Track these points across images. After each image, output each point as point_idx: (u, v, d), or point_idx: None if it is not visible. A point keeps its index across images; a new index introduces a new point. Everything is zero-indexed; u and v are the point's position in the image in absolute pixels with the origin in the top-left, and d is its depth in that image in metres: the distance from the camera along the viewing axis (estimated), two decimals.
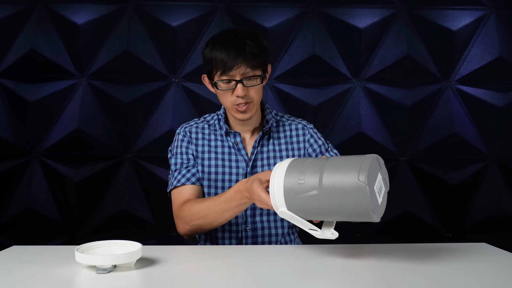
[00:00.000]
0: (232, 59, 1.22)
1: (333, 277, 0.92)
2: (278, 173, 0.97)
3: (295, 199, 0.93)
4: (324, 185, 0.89)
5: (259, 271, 0.96)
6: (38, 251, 1.12)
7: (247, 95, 1.27)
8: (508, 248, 1.13)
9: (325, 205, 0.91)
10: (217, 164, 1.36)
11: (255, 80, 1.28)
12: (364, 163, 0.88)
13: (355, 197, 0.86)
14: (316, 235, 0.96)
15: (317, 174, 0.91)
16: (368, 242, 2.19)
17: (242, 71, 1.24)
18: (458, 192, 2.19)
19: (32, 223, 2.17)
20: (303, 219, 0.96)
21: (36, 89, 2.17)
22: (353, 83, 2.24)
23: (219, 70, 1.25)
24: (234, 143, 1.37)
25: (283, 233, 1.38)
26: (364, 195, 0.86)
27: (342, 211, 0.90)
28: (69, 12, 2.19)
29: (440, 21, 2.24)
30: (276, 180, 0.96)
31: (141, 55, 2.19)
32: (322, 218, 0.97)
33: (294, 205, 0.94)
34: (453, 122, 2.21)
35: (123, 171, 2.19)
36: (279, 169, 0.97)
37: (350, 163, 0.90)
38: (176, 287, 0.88)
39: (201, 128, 1.41)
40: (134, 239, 1.01)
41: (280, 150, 1.40)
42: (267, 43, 1.30)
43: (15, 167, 2.16)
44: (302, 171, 0.93)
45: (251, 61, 1.24)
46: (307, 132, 1.44)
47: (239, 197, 1.14)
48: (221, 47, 1.25)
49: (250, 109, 1.30)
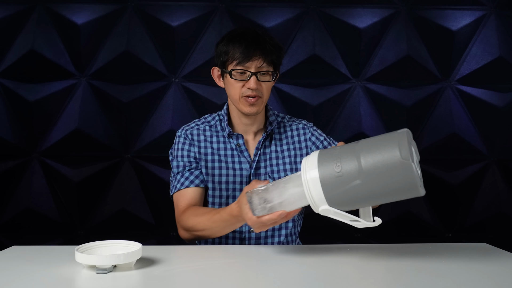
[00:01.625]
0: (251, 51, 1.25)
1: (333, 277, 0.92)
2: (309, 171, 0.89)
3: (337, 194, 0.87)
4: (366, 171, 0.84)
5: (259, 271, 0.96)
6: (38, 251, 1.12)
7: (258, 89, 1.28)
8: (508, 248, 1.13)
9: (371, 191, 0.86)
10: (221, 166, 1.35)
11: (268, 76, 1.30)
12: (401, 140, 0.84)
13: (402, 176, 0.83)
14: (358, 225, 0.91)
15: (354, 161, 0.85)
16: (368, 242, 2.19)
17: (259, 64, 1.27)
18: (458, 192, 2.19)
19: (32, 223, 2.17)
20: (345, 212, 0.90)
21: (36, 89, 2.17)
22: (353, 83, 2.24)
23: (235, 60, 1.26)
24: (237, 145, 1.37)
25: (286, 234, 1.38)
26: (411, 172, 0.82)
27: (389, 193, 0.86)
28: (69, 12, 2.19)
29: (440, 21, 2.24)
30: (310, 178, 0.89)
31: (141, 55, 2.19)
32: (368, 205, 0.92)
33: (336, 200, 0.88)
34: (453, 122, 2.21)
35: (123, 171, 2.19)
36: (308, 165, 0.90)
37: (385, 142, 0.85)
38: (176, 287, 0.88)
39: (202, 130, 1.40)
40: (134, 239, 1.01)
41: (282, 151, 1.40)
42: (283, 47, 1.36)
43: (15, 167, 2.16)
44: (336, 163, 0.86)
45: (268, 56, 1.27)
46: (307, 131, 1.44)
47: (235, 221, 1.13)
48: (241, 39, 1.28)
49: (259, 104, 1.31)
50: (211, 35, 2.21)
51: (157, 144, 2.18)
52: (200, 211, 1.25)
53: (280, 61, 1.35)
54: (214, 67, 1.37)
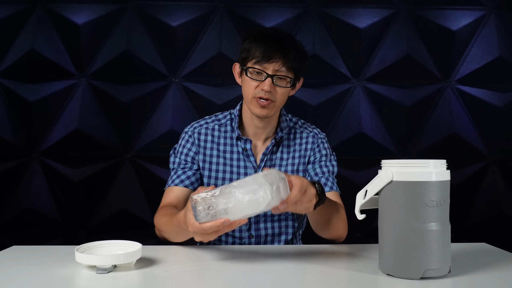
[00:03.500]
0: (272, 52, 1.22)
1: (334, 277, 0.92)
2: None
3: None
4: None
5: (260, 271, 0.96)
6: (38, 251, 1.12)
7: (272, 93, 1.24)
8: (508, 248, 1.13)
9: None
10: (225, 170, 1.34)
11: (285, 82, 1.26)
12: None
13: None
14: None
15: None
16: (368, 242, 2.19)
17: (277, 68, 1.23)
18: (458, 192, 2.19)
19: (32, 223, 2.17)
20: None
21: (36, 89, 2.17)
22: (353, 83, 2.24)
23: (255, 58, 1.23)
24: (244, 149, 1.35)
25: (287, 240, 1.37)
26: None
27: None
28: (69, 12, 2.19)
29: (440, 21, 2.24)
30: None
31: (141, 55, 2.19)
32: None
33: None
34: (453, 122, 2.21)
35: (123, 171, 2.19)
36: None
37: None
38: (176, 287, 0.88)
39: (211, 130, 1.38)
40: (134, 239, 1.01)
41: (288, 158, 1.37)
42: (308, 57, 1.32)
43: (15, 167, 2.16)
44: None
45: (289, 61, 1.23)
46: (315, 141, 1.40)
47: (182, 228, 1.01)
48: (265, 39, 1.25)
49: (271, 108, 1.27)
50: (211, 35, 2.21)
51: (157, 144, 2.18)
52: (167, 211, 1.22)
53: (302, 71, 1.31)
54: (235, 63, 1.34)
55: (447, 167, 0.93)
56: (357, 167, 2.20)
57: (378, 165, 0.94)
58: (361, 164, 2.20)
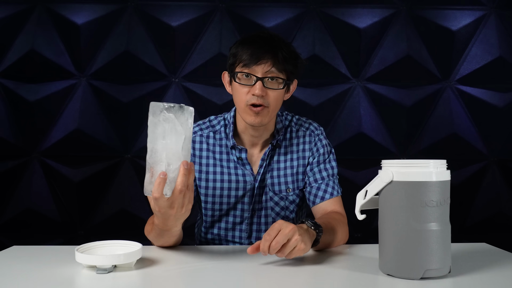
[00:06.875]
0: (260, 54, 1.14)
1: (333, 277, 0.92)
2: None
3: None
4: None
5: (259, 271, 0.96)
6: (38, 251, 1.12)
7: (264, 97, 1.16)
8: (508, 248, 1.13)
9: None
10: (223, 179, 1.29)
11: (277, 83, 1.18)
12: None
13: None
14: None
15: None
16: (368, 242, 2.19)
17: (266, 69, 1.15)
18: (458, 192, 2.19)
19: (32, 223, 2.17)
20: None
21: (36, 89, 2.17)
22: (353, 83, 2.24)
23: (242, 62, 1.16)
24: (239, 159, 1.29)
25: None
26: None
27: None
28: (69, 12, 2.19)
29: (440, 21, 2.24)
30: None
31: (141, 55, 2.19)
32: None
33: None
34: (453, 122, 2.22)
35: (123, 171, 2.19)
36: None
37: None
38: (176, 287, 0.88)
39: (205, 137, 1.31)
40: (134, 239, 1.01)
41: (285, 160, 1.32)
42: (300, 57, 1.25)
43: (15, 167, 2.16)
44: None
45: (279, 62, 1.15)
46: (312, 140, 1.34)
47: (160, 227, 0.99)
48: (252, 41, 1.17)
49: (264, 115, 1.19)
50: (211, 35, 2.21)
51: None
52: (151, 220, 1.15)
53: (296, 71, 1.22)
54: (224, 71, 1.27)
55: (447, 167, 0.93)
56: (357, 167, 2.20)
57: (378, 165, 0.94)
58: (361, 164, 2.20)
